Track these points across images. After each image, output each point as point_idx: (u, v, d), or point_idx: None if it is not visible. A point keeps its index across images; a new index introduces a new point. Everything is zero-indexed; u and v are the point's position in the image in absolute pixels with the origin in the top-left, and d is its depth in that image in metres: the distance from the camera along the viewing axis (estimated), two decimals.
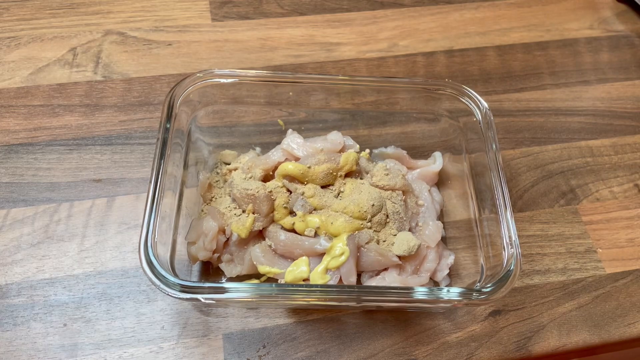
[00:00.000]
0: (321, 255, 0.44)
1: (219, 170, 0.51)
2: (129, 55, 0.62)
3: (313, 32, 0.67)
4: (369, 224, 0.45)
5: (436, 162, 0.53)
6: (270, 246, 0.45)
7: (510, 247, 0.41)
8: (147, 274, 0.37)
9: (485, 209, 0.46)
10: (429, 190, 0.51)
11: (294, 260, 0.44)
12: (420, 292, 0.39)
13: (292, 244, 0.44)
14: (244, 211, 0.46)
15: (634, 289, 0.51)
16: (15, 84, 0.58)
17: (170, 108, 0.44)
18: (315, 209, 0.46)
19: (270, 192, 0.46)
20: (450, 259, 0.48)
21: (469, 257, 0.48)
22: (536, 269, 0.52)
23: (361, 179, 0.49)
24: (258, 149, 0.54)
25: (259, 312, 0.47)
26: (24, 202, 0.51)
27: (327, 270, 0.43)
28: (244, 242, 0.46)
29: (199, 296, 0.37)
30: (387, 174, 0.47)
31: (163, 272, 0.37)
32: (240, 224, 0.44)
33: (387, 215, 0.46)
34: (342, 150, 0.49)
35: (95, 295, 0.47)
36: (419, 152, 0.55)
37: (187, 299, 0.38)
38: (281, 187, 0.47)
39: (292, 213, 0.46)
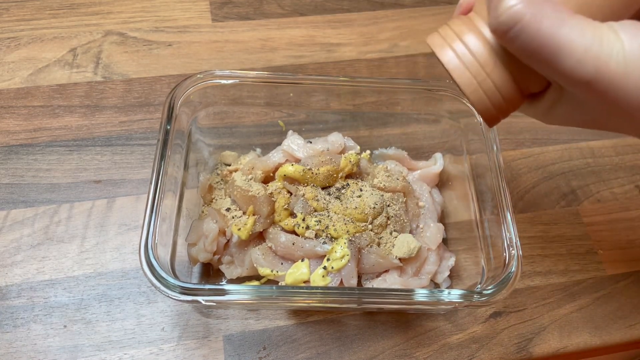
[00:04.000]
0: (322, 257, 0.44)
1: (219, 172, 0.51)
2: (129, 55, 0.62)
3: (313, 32, 0.67)
4: (369, 225, 0.45)
5: (437, 163, 0.52)
6: (270, 248, 0.45)
7: (511, 248, 0.41)
8: (148, 275, 0.37)
9: (486, 210, 0.46)
10: (429, 192, 0.51)
11: (294, 262, 0.44)
12: (421, 294, 0.39)
13: (293, 245, 0.44)
14: (244, 213, 0.46)
15: (635, 291, 0.51)
16: (15, 85, 0.58)
17: (171, 109, 0.44)
18: (315, 211, 0.45)
19: (271, 193, 0.46)
20: (451, 261, 0.48)
21: (469, 259, 0.48)
22: (537, 270, 0.52)
23: (362, 180, 0.49)
24: (258, 150, 0.54)
25: (259, 314, 0.47)
26: (24, 203, 0.51)
27: (327, 272, 0.43)
28: (245, 244, 0.46)
29: (199, 298, 0.37)
30: (388, 176, 0.47)
31: (163, 274, 0.37)
32: (241, 226, 0.44)
33: (388, 217, 0.46)
34: (342, 152, 0.49)
35: (95, 296, 0.47)
36: (419, 153, 0.54)
37: (187, 301, 0.38)
38: (282, 189, 0.46)
39: (292, 215, 0.46)
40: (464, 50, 0.27)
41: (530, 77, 0.27)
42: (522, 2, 0.22)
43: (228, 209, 0.46)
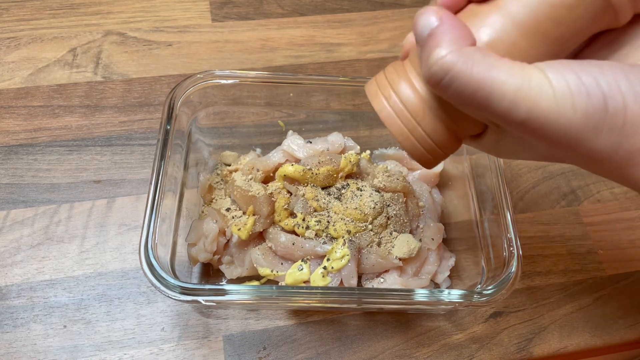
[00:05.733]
0: (322, 257, 0.44)
1: (219, 172, 0.51)
2: (129, 55, 0.62)
3: (313, 32, 0.67)
4: (369, 225, 0.45)
5: None
6: (270, 248, 0.45)
7: (511, 248, 0.41)
8: (148, 275, 0.37)
9: (486, 211, 0.46)
10: (429, 192, 0.51)
11: (294, 262, 0.44)
12: (421, 294, 0.39)
13: (293, 245, 0.44)
14: (244, 213, 0.46)
15: (635, 290, 0.51)
16: (15, 85, 0.58)
17: (171, 109, 0.44)
18: (315, 211, 0.45)
19: (271, 193, 0.46)
20: (451, 261, 0.48)
21: (470, 259, 0.48)
22: (537, 271, 0.52)
23: (362, 180, 0.49)
24: (258, 150, 0.54)
25: (259, 314, 0.47)
26: (23, 204, 0.51)
27: (327, 272, 0.43)
28: (245, 244, 0.46)
29: (199, 298, 0.37)
30: (388, 176, 0.47)
31: (163, 274, 0.37)
32: (241, 226, 0.44)
33: (388, 217, 0.46)
34: (342, 152, 0.49)
35: (95, 296, 0.47)
36: None
37: (187, 301, 0.38)
38: (282, 189, 0.46)
39: (292, 215, 0.46)
40: (395, 99, 0.27)
41: (465, 122, 0.27)
42: (452, 52, 0.23)
43: (228, 209, 0.46)
